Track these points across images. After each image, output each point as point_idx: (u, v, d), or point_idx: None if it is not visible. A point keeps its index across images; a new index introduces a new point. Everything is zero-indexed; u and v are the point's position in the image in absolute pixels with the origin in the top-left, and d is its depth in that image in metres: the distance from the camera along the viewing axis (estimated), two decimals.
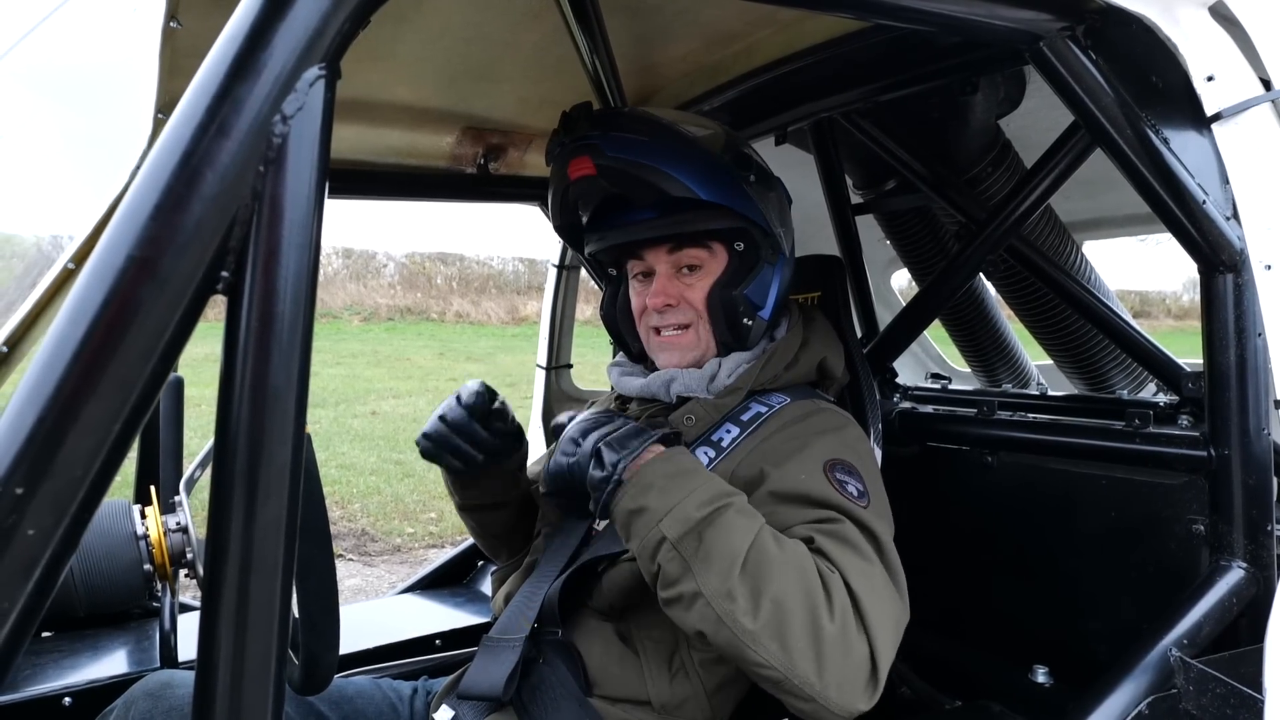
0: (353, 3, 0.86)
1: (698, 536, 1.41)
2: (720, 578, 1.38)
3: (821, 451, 1.67)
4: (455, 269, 30.71)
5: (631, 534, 1.48)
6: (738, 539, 1.41)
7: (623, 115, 1.76)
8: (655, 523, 1.43)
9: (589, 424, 1.59)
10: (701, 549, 1.40)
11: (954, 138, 2.44)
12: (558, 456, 1.57)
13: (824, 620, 1.38)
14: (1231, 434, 1.56)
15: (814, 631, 1.37)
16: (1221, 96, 1.54)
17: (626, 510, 1.48)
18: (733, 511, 1.45)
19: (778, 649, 1.36)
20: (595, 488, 1.52)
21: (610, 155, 1.69)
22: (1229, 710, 1.41)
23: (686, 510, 1.43)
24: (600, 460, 1.51)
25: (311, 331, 0.87)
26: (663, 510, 1.44)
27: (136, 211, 0.79)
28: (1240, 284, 1.55)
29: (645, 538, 1.45)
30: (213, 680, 0.85)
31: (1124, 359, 2.86)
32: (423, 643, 2.77)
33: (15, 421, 0.75)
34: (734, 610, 1.37)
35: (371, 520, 8.12)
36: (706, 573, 1.39)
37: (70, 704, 2.23)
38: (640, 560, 1.49)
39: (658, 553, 1.43)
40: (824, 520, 1.54)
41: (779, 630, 1.36)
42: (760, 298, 1.82)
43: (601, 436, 1.54)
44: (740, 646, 1.37)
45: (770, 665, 1.36)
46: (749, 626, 1.36)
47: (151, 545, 1.72)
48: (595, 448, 1.52)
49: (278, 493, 0.85)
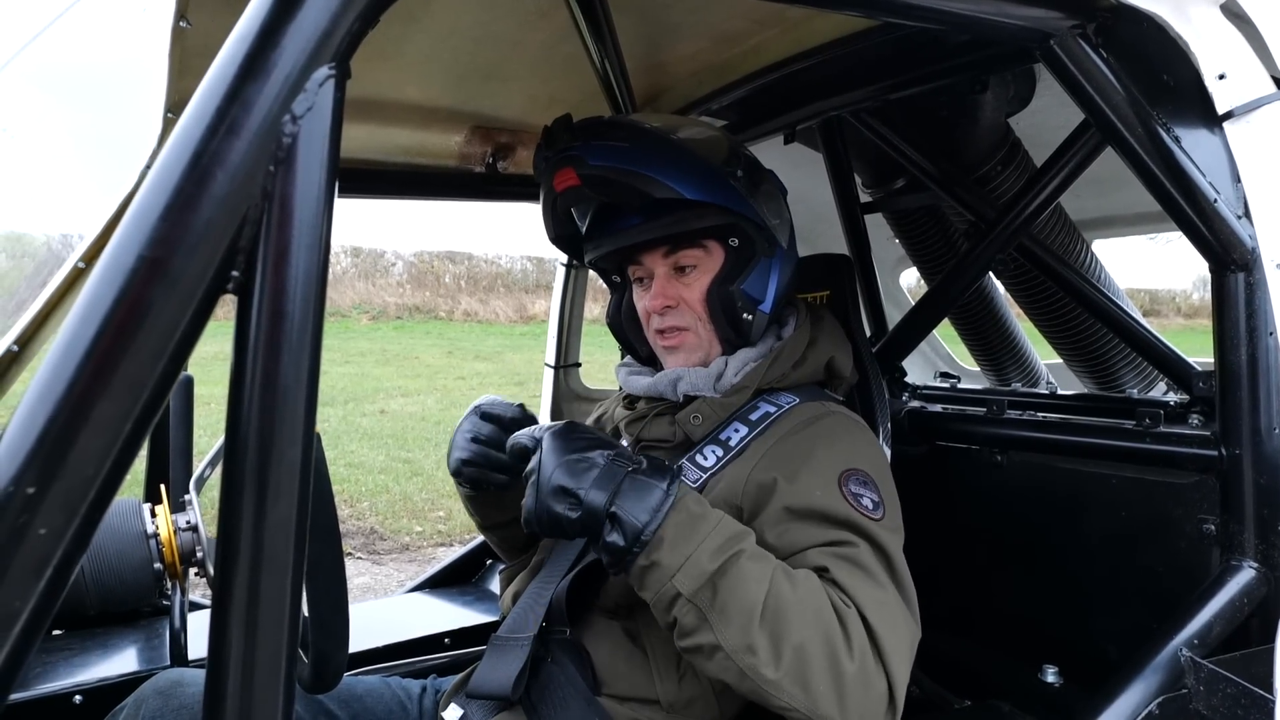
0: (362, 3, 0.86)
1: (712, 588, 1.41)
2: (739, 632, 1.38)
3: (835, 461, 1.66)
4: (463, 267, 30.71)
5: (645, 587, 1.46)
6: (753, 589, 1.41)
7: (602, 124, 1.75)
8: (668, 579, 1.41)
9: (579, 467, 1.46)
10: (717, 601, 1.40)
11: (963, 136, 2.43)
12: (550, 505, 1.45)
13: (844, 661, 1.39)
14: (1243, 433, 1.56)
15: (835, 673, 1.39)
16: (1233, 95, 1.53)
17: (639, 569, 1.44)
18: (745, 559, 1.44)
19: (800, 692, 1.38)
20: (612, 553, 1.44)
21: (593, 164, 1.69)
22: (1240, 711, 1.41)
23: (700, 563, 1.41)
24: (620, 527, 1.42)
25: (321, 331, 0.87)
26: (675, 566, 1.41)
27: (147, 211, 0.79)
28: (1252, 283, 1.54)
29: (659, 592, 1.43)
30: (223, 678, 0.85)
31: (1134, 358, 2.86)
32: (431, 641, 2.78)
33: (27, 421, 0.75)
34: (756, 664, 1.37)
35: (380, 519, 8.13)
36: (725, 626, 1.39)
37: (81, 702, 2.24)
38: (655, 611, 1.48)
39: (673, 607, 1.43)
40: (839, 543, 1.54)
41: (801, 676, 1.38)
42: (759, 291, 1.82)
43: (612, 495, 1.43)
44: (764, 694, 1.39)
45: (794, 709, 1.38)
46: (771, 676, 1.37)
47: (162, 544, 1.73)
48: (609, 510, 1.43)
49: (288, 491, 0.85)
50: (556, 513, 1.44)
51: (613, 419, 2.01)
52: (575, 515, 1.44)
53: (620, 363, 2.04)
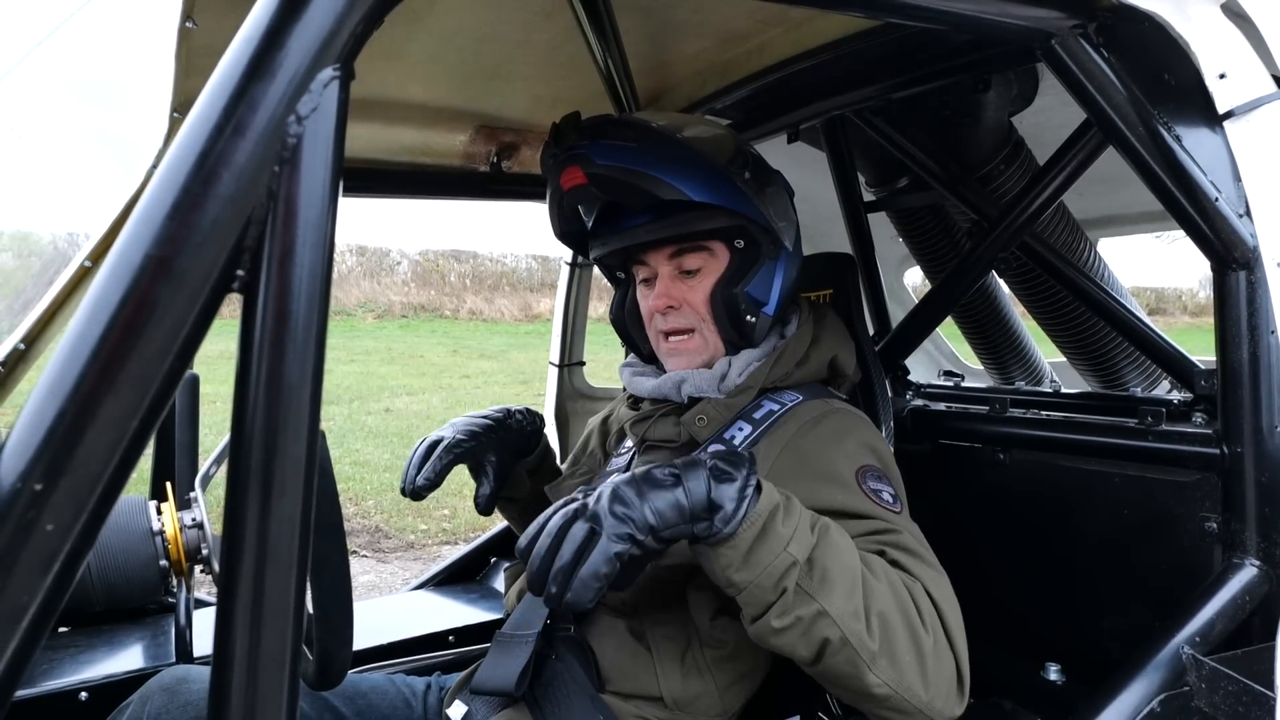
0: (367, 4, 0.86)
1: (810, 560, 1.33)
2: (845, 597, 1.32)
3: (848, 460, 1.67)
4: (469, 266, 30.73)
5: (749, 561, 1.31)
6: (848, 557, 1.37)
7: (611, 122, 1.75)
8: (783, 547, 1.31)
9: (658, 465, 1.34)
10: (816, 571, 1.33)
11: (966, 135, 2.43)
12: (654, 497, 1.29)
13: (921, 634, 1.38)
14: (1244, 431, 1.56)
15: (915, 645, 1.37)
16: (1234, 94, 1.53)
17: (752, 535, 1.30)
18: (833, 530, 1.40)
19: (888, 665, 1.34)
20: (730, 502, 1.29)
21: (600, 163, 1.69)
22: (1241, 708, 1.41)
23: (804, 533, 1.35)
24: (723, 472, 1.31)
25: (326, 329, 0.87)
26: (788, 534, 1.32)
27: (153, 210, 0.80)
28: (1253, 281, 1.54)
29: (771, 565, 1.30)
30: (228, 675, 0.85)
31: (1137, 356, 2.86)
32: (436, 639, 2.78)
33: (34, 418, 0.76)
34: (860, 630, 1.32)
35: (385, 517, 8.14)
36: (830, 593, 1.32)
37: (86, 698, 2.25)
38: (754, 592, 1.33)
39: (784, 578, 1.31)
40: (881, 532, 1.54)
41: (888, 647, 1.34)
42: (763, 294, 1.82)
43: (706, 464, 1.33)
44: (858, 666, 1.33)
45: (884, 684, 1.34)
46: (871, 647, 1.32)
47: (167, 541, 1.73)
48: (710, 464, 1.32)
49: (292, 489, 0.85)
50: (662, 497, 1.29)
51: (618, 419, 2.02)
52: (679, 487, 1.30)
53: (624, 362, 2.04)
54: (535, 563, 1.28)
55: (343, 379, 15.94)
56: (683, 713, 1.68)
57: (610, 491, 1.30)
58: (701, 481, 1.30)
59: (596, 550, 1.25)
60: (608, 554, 1.25)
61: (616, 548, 1.25)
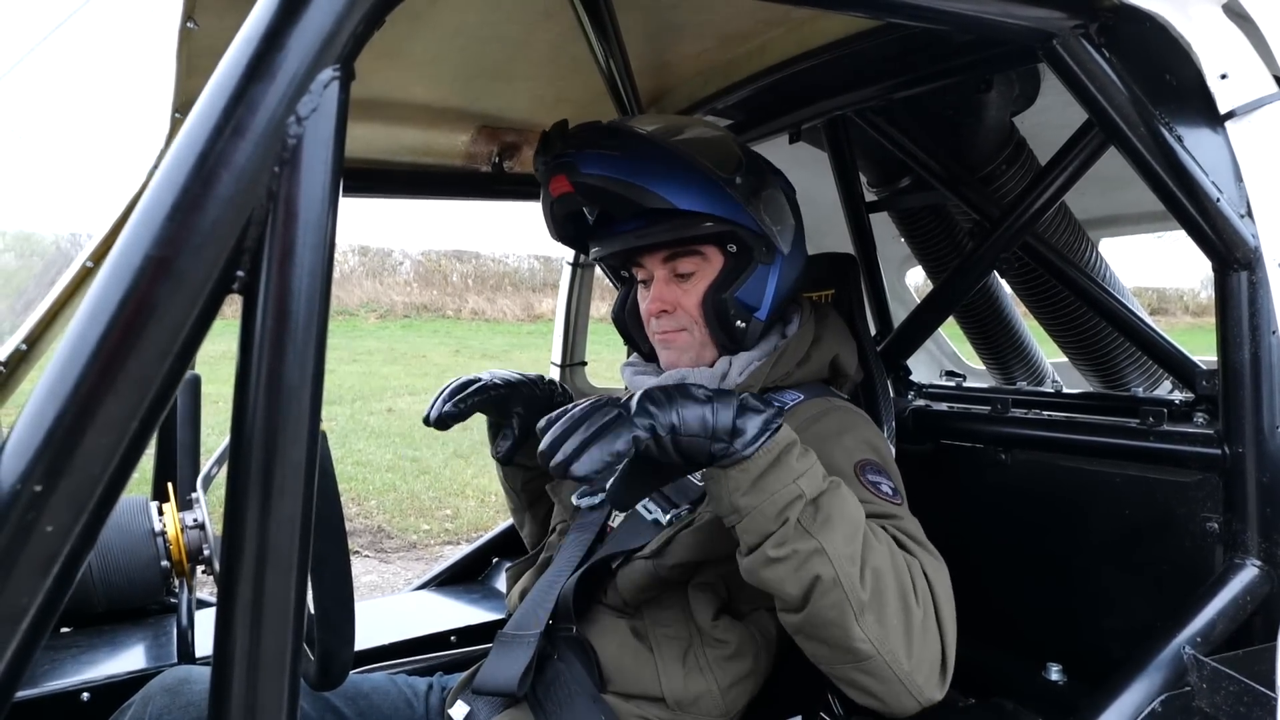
0: (367, 4, 0.86)
1: (817, 504, 1.39)
2: (844, 541, 1.37)
3: (847, 455, 1.67)
4: (471, 266, 30.73)
5: (757, 486, 1.37)
6: (853, 510, 1.42)
7: (598, 130, 1.75)
8: (793, 479, 1.37)
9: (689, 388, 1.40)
10: (821, 514, 1.38)
11: (968, 135, 2.43)
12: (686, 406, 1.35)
13: (912, 603, 1.40)
14: (1246, 431, 1.56)
15: (905, 612, 1.39)
16: (1235, 94, 1.53)
17: (765, 463, 1.37)
18: (845, 488, 1.45)
19: (874, 621, 1.36)
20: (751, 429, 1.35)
21: (584, 172, 1.69)
22: (1242, 708, 1.41)
23: (816, 476, 1.41)
24: (752, 407, 1.38)
25: (326, 330, 0.87)
26: (801, 470, 1.39)
27: (154, 211, 0.80)
28: (1254, 281, 1.54)
29: (777, 494, 1.36)
30: (229, 675, 0.85)
31: (1139, 356, 2.85)
32: (438, 639, 2.78)
33: (34, 419, 0.76)
34: (853, 573, 1.35)
35: (387, 517, 8.15)
36: (830, 534, 1.36)
37: (88, 699, 2.25)
38: (754, 516, 1.37)
39: (787, 509, 1.36)
40: (882, 515, 1.56)
41: (878, 604, 1.37)
42: (755, 299, 1.82)
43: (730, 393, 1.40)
44: (845, 612, 1.35)
45: (866, 639, 1.36)
46: (861, 595, 1.35)
47: (169, 542, 1.73)
48: (741, 398, 1.39)
49: (293, 489, 0.85)
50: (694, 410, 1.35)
51: None
52: (702, 405, 1.35)
53: (625, 362, 2.05)
54: (555, 431, 1.34)
55: (345, 379, 15.95)
56: (684, 713, 1.68)
57: (643, 393, 1.37)
58: (730, 407, 1.36)
59: (616, 430, 1.31)
60: (625, 436, 1.31)
61: (637, 431, 1.32)
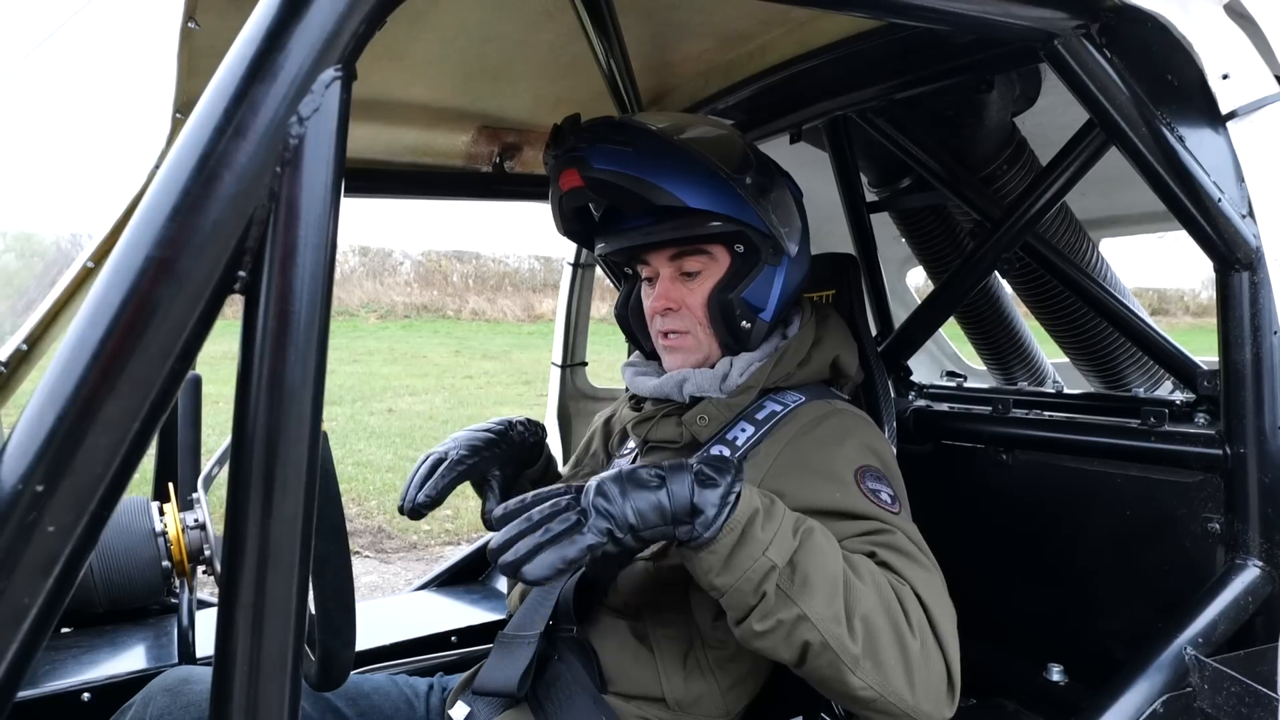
0: (368, 5, 0.87)
1: (792, 565, 1.36)
2: (825, 602, 1.35)
3: (847, 460, 1.67)
4: (471, 267, 30.75)
5: (730, 567, 1.35)
6: (831, 563, 1.38)
7: (610, 125, 1.74)
8: (761, 551, 1.34)
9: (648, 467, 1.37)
10: (798, 575, 1.35)
11: (969, 135, 2.43)
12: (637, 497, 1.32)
13: (908, 637, 1.39)
14: (1247, 432, 1.56)
15: (901, 648, 1.38)
16: (1237, 94, 1.53)
17: (732, 540, 1.34)
18: (818, 534, 1.42)
19: (872, 668, 1.35)
20: (710, 508, 1.32)
21: (596, 167, 1.69)
22: (1244, 709, 1.41)
23: (785, 538, 1.37)
24: (707, 478, 1.34)
25: (328, 330, 0.87)
26: (767, 539, 1.35)
27: (155, 212, 0.80)
28: (1256, 281, 1.54)
29: (750, 570, 1.34)
30: (230, 675, 0.85)
31: (1140, 356, 2.85)
32: (438, 640, 2.79)
33: (36, 419, 0.76)
34: (840, 634, 1.34)
35: (388, 517, 8.14)
36: (811, 598, 1.34)
37: (89, 699, 2.25)
38: (735, 596, 1.36)
39: (763, 583, 1.34)
40: (875, 532, 1.54)
41: (871, 650, 1.36)
42: (761, 300, 1.81)
43: (692, 469, 1.36)
44: (840, 669, 1.35)
45: (868, 686, 1.35)
46: (853, 650, 1.34)
47: (170, 542, 1.74)
48: (695, 470, 1.35)
49: (294, 489, 0.85)
50: (645, 498, 1.32)
51: (621, 419, 2.02)
52: (663, 490, 1.33)
53: (626, 362, 2.04)
54: (509, 531, 1.30)
55: (345, 379, 15.95)
56: (685, 713, 1.68)
57: (596, 485, 1.34)
58: (685, 485, 1.33)
59: (572, 537, 1.28)
60: (581, 544, 1.28)
61: (591, 540, 1.29)
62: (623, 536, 1.31)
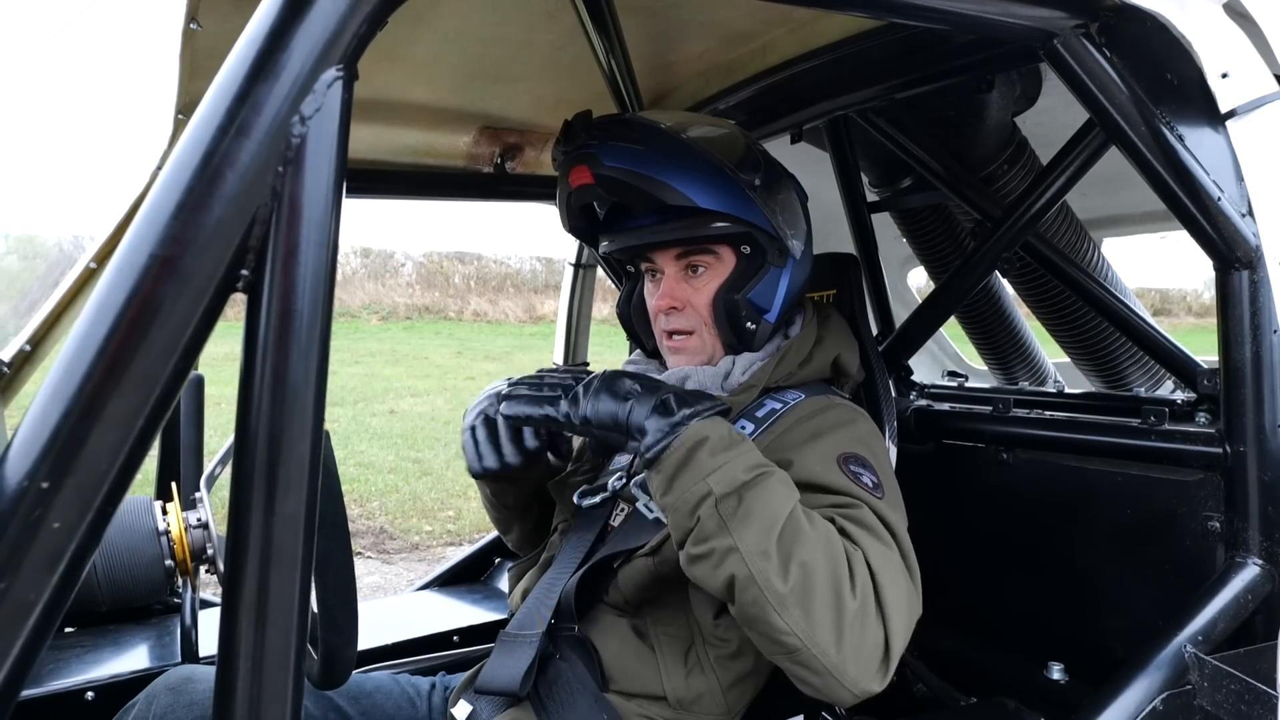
0: (370, 5, 0.87)
1: (738, 498, 1.40)
2: (758, 536, 1.37)
3: (834, 445, 1.67)
4: (473, 268, 30.75)
5: (673, 487, 1.45)
6: (778, 504, 1.41)
7: (621, 123, 1.75)
8: (703, 477, 1.42)
9: (636, 379, 1.57)
10: (741, 509, 1.39)
11: (970, 135, 2.43)
12: (604, 402, 1.53)
13: (846, 595, 1.38)
14: (1247, 430, 1.56)
15: (837, 604, 1.38)
16: (1236, 93, 1.54)
17: (675, 462, 1.45)
18: (774, 479, 1.45)
19: (800, 615, 1.36)
20: (652, 433, 1.48)
21: (607, 165, 1.69)
22: (1243, 706, 1.41)
23: (734, 471, 1.42)
24: (666, 408, 1.49)
25: (330, 329, 0.88)
26: (712, 467, 1.42)
27: (158, 211, 0.80)
28: (1255, 280, 1.55)
29: (688, 492, 1.43)
30: (233, 674, 0.86)
31: (1141, 356, 2.85)
32: (440, 639, 2.79)
33: (40, 418, 0.76)
34: (767, 569, 1.36)
35: (390, 518, 8.15)
36: (745, 530, 1.38)
37: (93, 698, 2.25)
38: (675, 516, 1.46)
39: (699, 507, 1.41)
40: (843, 505, 1.55)
41: (804, 597, 1.36)
42: (766, 301, 1.82)
43: (666, 392, 1.52)
44: (765, 608, 1.36)
45: (791, 632, 1.36)
46: (779, 589, 1.35)
47: (173, 541, 1.74)
48: (661, 398, 1.50)
49: (296, 488, 0.86)
50: (610, 405, 1.53)
51: None
52: (630, 402, 1.52)
53: (627, 360, 2.05)
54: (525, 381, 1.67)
55: (347, 380, 15.95)
56: (686, 712, 1.68)
57: (588, 379, 1.59)
58: (645, 407, 1.51)
59: (545, 403, 1.60)
60: (546, 410, 1.59)
61: (549, 412, 1.59)
62: (578, 425, 1.56)
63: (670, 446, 1.45)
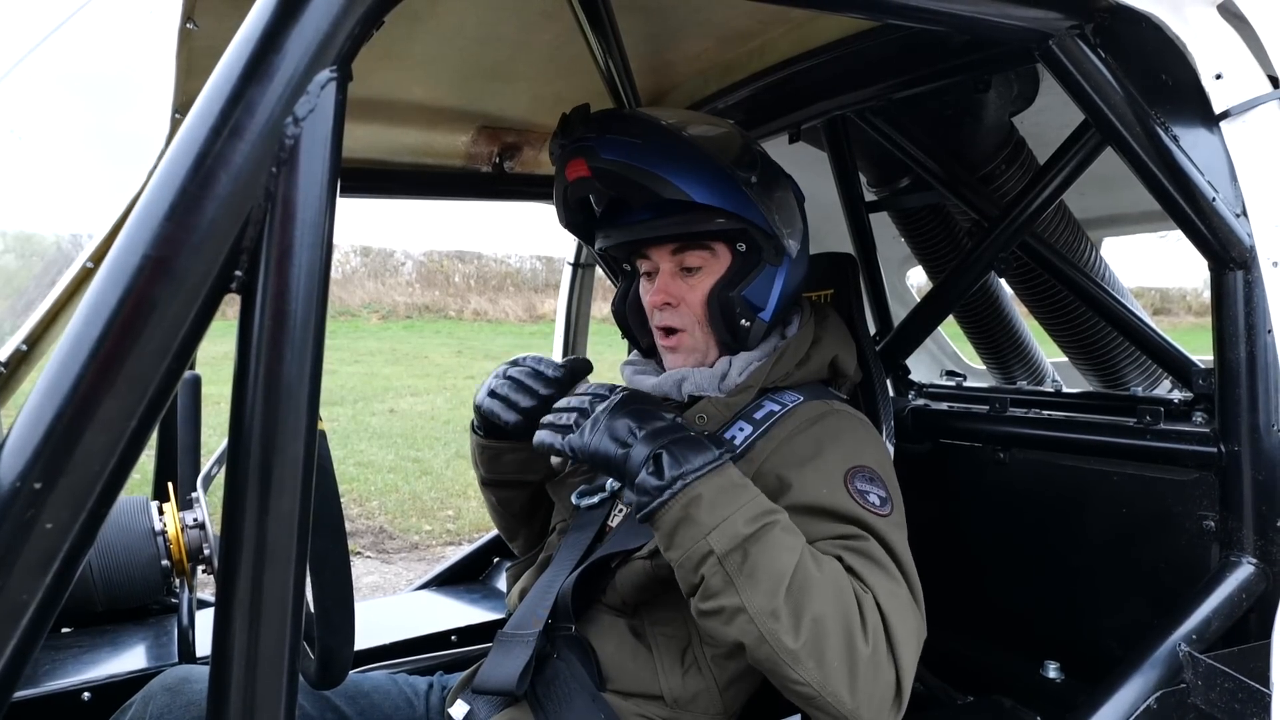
0: (363, 7, 0.87)
1: (743, 553, 1.40)
2: (766, 596, 1.38)
3: (840, 459, 1.67)
4: (473, 267, 30.76)
5: (674, 544, 1.45)
6: (784, 558, 1.41)
7: (619, 117, 1.75)
8: (703, 536, 1.41)
9: (641, 417, 1.53)
10: (747, 565, 1.40)
11: (967, 135, 2.44)
12: (603, 442, 1.51)
13: (859, 642, 1.40)
14: (1241, 430, 1.57)
15: (849, 652, 1.39)
16: (1230, 94, 1.54)
17: (672, 520, 1.43)
18: (779, 529, 1.44)
19: (814, 667, 1.37)
20: (644, 492, 1.45)
21: (604, 158, 1.69)
22: (1237, 705, 1.41)
23: (735, 526, 1.41)
24: (659, 468, 1.45)
25: (324, 329, 0.88)
26: (711, 524, 1.41)
27: (152, 211, 0.81)
28: (1250, 281, 1.55)
29: (690, 550, 1.42)
30: (227, 673, 0.86)
31: (1138, 355, 2.85)
32: (438, 638, 2.79)
33: (34, 417, 0.76)
34: (777, 630, 1.37)
35: (389, 518, 8.15)
36: (752, 590, 1.38)
37: (89, 699, 2.25)
38: (680, 570, 1.47)
39: (702, 565, 1.42)
40: (850, 537, 1.55)
41: (817, 649, 1.38)
42: (761, 299, 1.82)
43: (664, 443, 1.47)
44: (779, 664, 1.38)
45: (806, 683, 1.38)
46: (791, 646, 1.37)
47: (169, 541, 1.74)
48: (655, 452, 1.46)
49: (291, 486, 0.86)
50: (610, 449, 1.50)
51: None
52: (624, 453, 1.49)
53: (625, 360, 2.05)
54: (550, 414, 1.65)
55: (347, 380, 15.95)
56: (683, 711, 1.69)
57: (595, 414, 1.56)
58: (639, 460, 1.47)
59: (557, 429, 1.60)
60: (554, 439, 1.59)
61: (558, 443, 1.59)
62: (580, 459, 1.56)
63: (665, 506, 1.44)
